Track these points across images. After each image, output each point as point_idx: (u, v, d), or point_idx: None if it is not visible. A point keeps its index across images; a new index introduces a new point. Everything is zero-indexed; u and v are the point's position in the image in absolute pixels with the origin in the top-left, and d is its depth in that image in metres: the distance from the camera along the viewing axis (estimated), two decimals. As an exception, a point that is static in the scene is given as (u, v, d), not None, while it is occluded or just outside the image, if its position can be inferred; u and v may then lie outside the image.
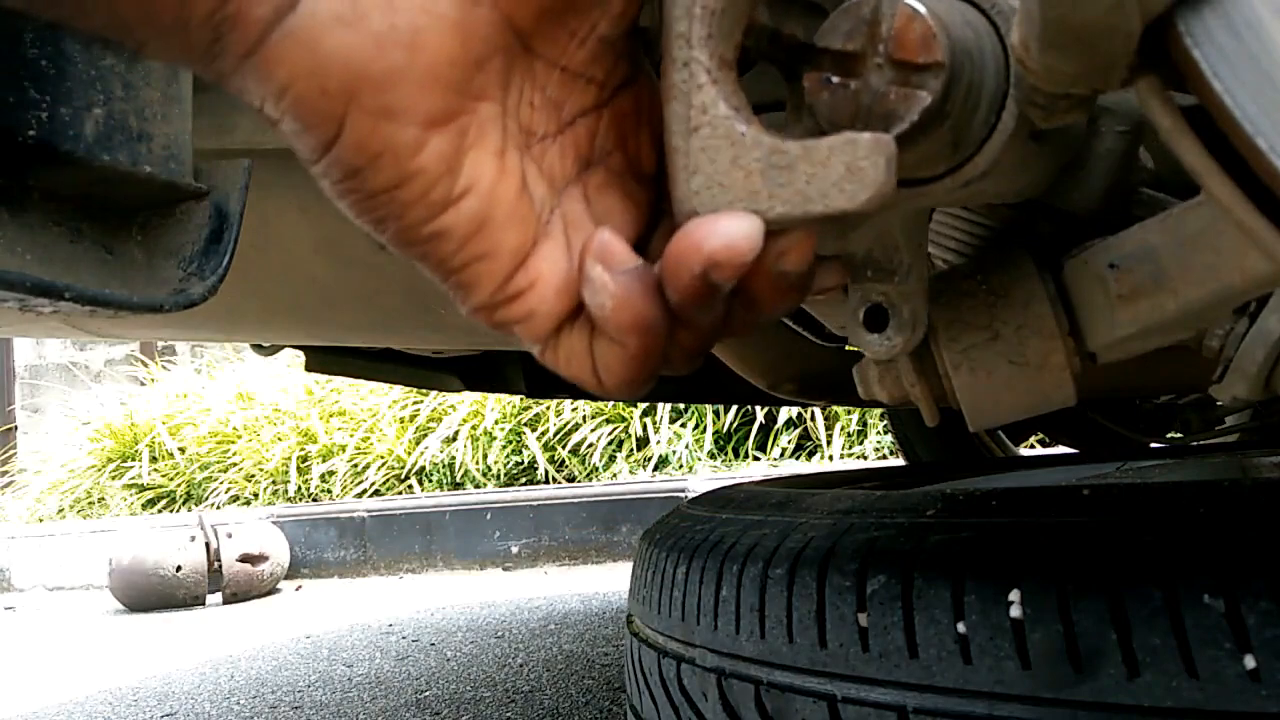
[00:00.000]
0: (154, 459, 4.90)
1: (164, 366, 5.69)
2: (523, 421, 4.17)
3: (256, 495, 4.54)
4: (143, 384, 5.66)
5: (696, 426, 3.97)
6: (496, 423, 4.17)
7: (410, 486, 4.25)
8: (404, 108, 0.30)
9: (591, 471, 4.04)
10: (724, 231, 0.31)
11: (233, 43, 0.29)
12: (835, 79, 0.33)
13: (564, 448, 4.08)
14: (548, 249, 0.34)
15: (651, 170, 0.36)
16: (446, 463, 4.23)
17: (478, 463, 4.14)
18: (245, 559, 3.24)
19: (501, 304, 0.34)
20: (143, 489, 4.84)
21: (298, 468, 4.51)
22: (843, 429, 3.80)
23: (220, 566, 3.20)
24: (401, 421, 4.43)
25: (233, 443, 4.77)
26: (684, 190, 0.32)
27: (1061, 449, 1.87)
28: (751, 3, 0.32)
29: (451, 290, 0.34)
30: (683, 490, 3.19)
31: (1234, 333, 0.44)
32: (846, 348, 1.16)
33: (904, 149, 0.33)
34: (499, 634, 2.16)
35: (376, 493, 4.27)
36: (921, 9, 0.32)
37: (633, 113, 0.35)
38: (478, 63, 0.31)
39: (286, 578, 3.52)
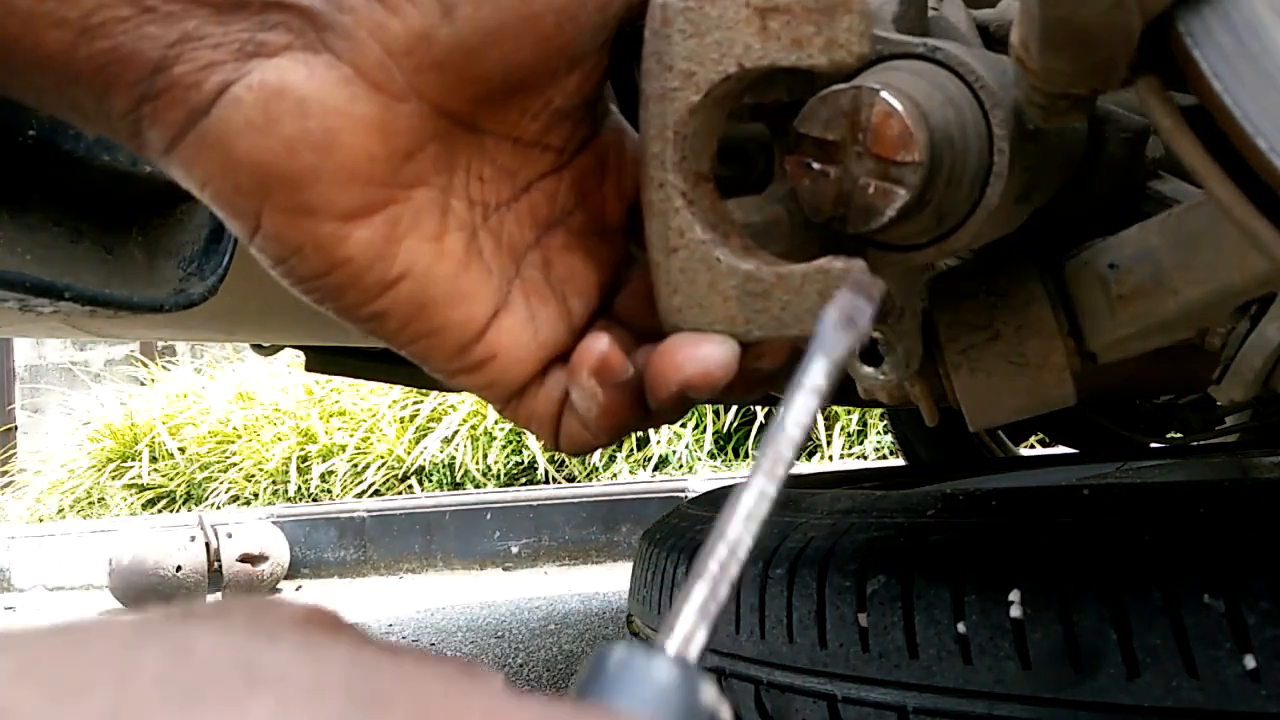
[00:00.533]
0: (154, 459, 4.90)
1: (164, 366, 5.69)
2: (523, 421, 4.17)
3: (256, 495, 4.54)
4: (143, 384, 5.66)
5: (696, 426, 3.98)
6: (496, 423, 4.17)
7: (410, 486, 4.25)
8: (319, 205, 0.30)
9: (591, 471, 4.04)
10: (701, 358, 0.32)
11: (152, 139, 0.30)
12: (816, 165, 0.34)
13: (564, 448, 4.08)
14: (508, 322, 0.34)
15: (618, 224, 0.36)
16: (446, 463, 4.23)
17: (478, 463, 4.14)
18: (245, 559, 3.24)
19: (459, 373, 0.35)
20: (143, 489, 4.85)
21: (298, 468, 4.51)
22: (843, 429, 3.80)
23: (220, 566, 3.20)
24: (401, 421, 4.43)
25: (233, 443, 4.77)
26: (666, 305, 0.33)
27: (1061, 449, 1.87)
28: (724, 116, 0.33)
29: (411, 358, 0.35)
30: (683, 490, 3.19)
31: (1235, 333, 0.44)
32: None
33: (885, 231, 0.34)
34: (499, 634, 2.16)
35: (376, 493, 4.27)
36: (899, 106, 0.32)
37: (595, 169, 0.35)
38: (406, 154, 0.31)
39: (286, 578, 3.52)
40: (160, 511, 4.71)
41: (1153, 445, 1.64)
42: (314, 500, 4.39)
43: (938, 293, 0.46)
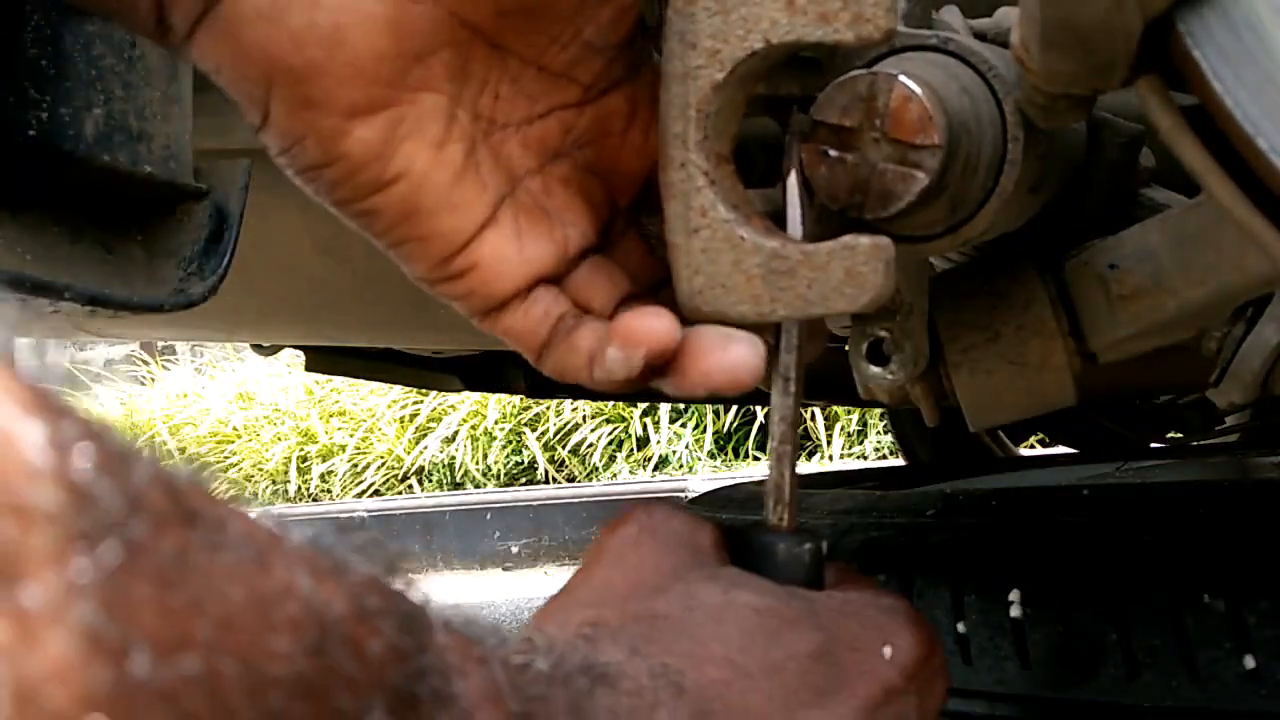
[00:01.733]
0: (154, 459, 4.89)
1: (164, 366, 5.69)
2: (523, 421, 4.17)
3: (256, 495, 4.54)
4: (143, 384, 5.66)
5: (696, 426, 3.97)
6: (496, 423, 4.17)
7: (410, 486, 4.25)
8: (323, 99, 0.31)
9: (591, 471, 4.04)
10: (729, 366, 0.33)
11: (173, 26, 0.31)
12: (833, 152, 0.33)
13: (564, 448, 4.08)
14: (493, 237, 0.35)
15: (635, 171, 0.36)
16: (446, 463, 4.22)
17: (478, 463, 4.14)
18: (245, 559, 3.24)
19: (438, 281, 0.35)
20: (143, 489, 4.84)
21: (298, 468, 4.51)
22: (843, 429, 3.80)
23: (220, 566, 3.20)
24: (401, 421, 4.42)
25: (233, 442, 4.77)
26: (687, 288, 0.33)
27: (1061, 449, 1.87)
28: (745, 99, 0.33)
29: (393, 259, 0.36)
30: (683, 490, 3.19)
31: (1231, 336, 0.44)
32: (846, 348, 1.16)
33: (901, 218, 0.34)
34: (499, 634, 2.16)
35: (376, 493, 4.27)
36: (917, 90, 0.32)
37: (623, 112, 0.35)
38: (416, 56, 0.31)
39: (286, 578, 3.51)
40: (160, 511, 4.70)
41: (1153, 445, 1.64)
42: (314, 500, 4.39)
43: (938, 292, 0.46)
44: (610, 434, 4.00)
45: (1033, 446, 2.26)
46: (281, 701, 0.17)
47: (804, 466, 3.66)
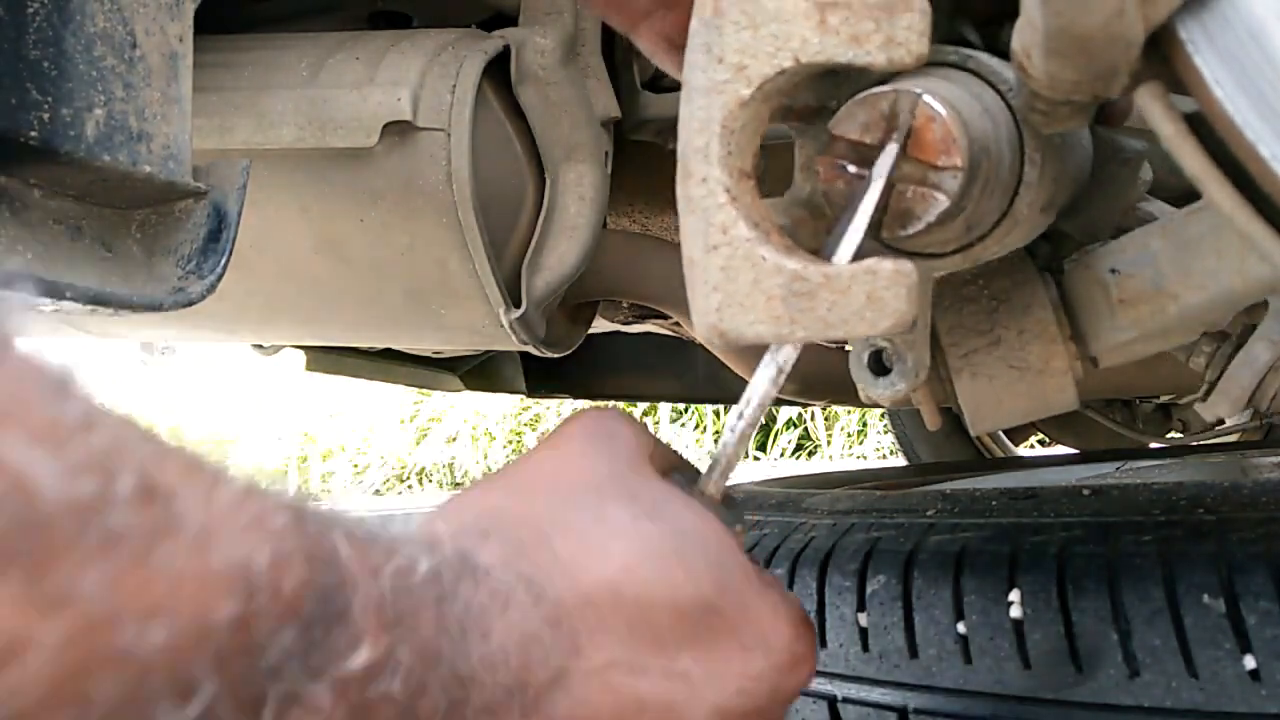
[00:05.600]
0: (153, 458, 4.90)
1: (164, 366, 5.69)
2: (523, 421, 4.17)
3: (256, 494, 4.54)
4: (143, 384, 5.65)
5: (696, 426, 3.97)
6: (497, 423, 4.17)
7: (410, 486, 4.25)
8: None
9: (591, 470, 4.04)
10: None
11: None
12: (851, 168, 0.33)
13: (564, 447, 4.08)
14: None
15: None
16: (447, 463, 4.22)
17: (478, 463, 4.14)
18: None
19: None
20: (142, 488, 4.84)
21: (298, 468, 4.51)
22: (843, 429, 3.80)
23: (220, 565, 3.19)
24: (401, 421, 4.43)
25: (233, 443, 4.77)
26: (703, 305, 0.32)
27: (1061, 449, 1.87)
28: (769, 115, 0.32)
29: None
30: (682, 489, 3.18)
31: (1220, 353, 0.45)
32: (846, 348, 1.16)
33: (917, 237, 0.33)
34: (499, 633, 2.16)
35: (376, 493, 4.27)
36: (942, 111, 0.32)
37: None
38: None
39: (286, 577, 3.51)
40: (160, 510, 4.70)
41: (1153, 445, 1.64)
42: (314, 500, 4.39)
43: (939, 297, 0.46)
44: (610, 433, 4.00)
45: (1033, 446, 2.26)
46: (221, 640, 0.22)
47: (804, 466, 3.66)
